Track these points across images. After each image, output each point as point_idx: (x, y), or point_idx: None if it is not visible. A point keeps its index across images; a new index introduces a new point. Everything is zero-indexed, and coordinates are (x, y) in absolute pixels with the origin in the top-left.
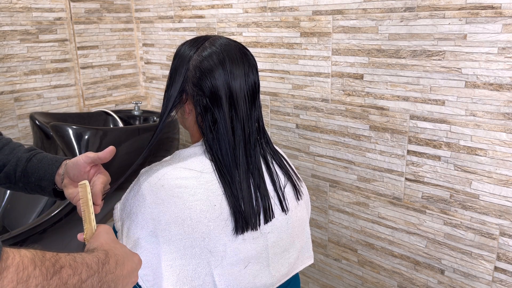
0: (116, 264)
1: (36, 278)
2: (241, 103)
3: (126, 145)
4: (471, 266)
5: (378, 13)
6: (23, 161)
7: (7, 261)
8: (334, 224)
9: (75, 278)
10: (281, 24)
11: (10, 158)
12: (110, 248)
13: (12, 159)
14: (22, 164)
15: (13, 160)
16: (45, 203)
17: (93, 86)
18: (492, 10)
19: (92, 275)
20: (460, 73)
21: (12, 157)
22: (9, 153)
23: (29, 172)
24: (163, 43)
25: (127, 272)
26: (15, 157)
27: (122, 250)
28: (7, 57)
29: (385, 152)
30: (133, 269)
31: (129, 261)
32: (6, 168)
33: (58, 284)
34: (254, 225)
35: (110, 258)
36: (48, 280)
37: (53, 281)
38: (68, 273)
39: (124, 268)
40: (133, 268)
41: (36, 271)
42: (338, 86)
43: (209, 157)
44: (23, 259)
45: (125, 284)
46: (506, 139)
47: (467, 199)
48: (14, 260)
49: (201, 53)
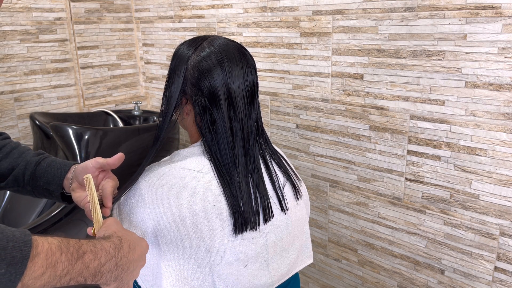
0: (129, 249)
1: (62, 263)
2: (240, 103)
3: (126, 145)
4: (471, 266)
5: (378, 13)
6: (32, 164)
7: (38, 248)
8: (334, 224)
9: (95, 262)
10: (281, 24)
11: (19, 162)
12: (123, 235)
13: (21, 163)
14: (31, 168)
15: (22, 163)
16: (45, 203)
17: (93, 86)
18: (492, 10)
19: (110, 259)
20: (460, 73)
21: (21, 160)
22: (18, 156)
23: (38, 175)
24: (163, 43)
25: (138, 256)
26: (24, 160)
27: (132, 237)
28: (7, 57)
29: (385, 152)
30: (142, 253)
31: (139, 246)
32: (15, 171)
33: (81, 268)
34: (253, 225)
35: (124, 244)
36: (73, 264)
37: (77, 265)
38: (90, 258)
39: (135, 253)
40: (142, 252)
41: (63, 256)
42: (338, 86)
43: (208, 157)
44: (51, 246)
45: (136, 266)
46: (506, 139)
47: (467, 199)
48: (44, 247)
49: (200, 53)
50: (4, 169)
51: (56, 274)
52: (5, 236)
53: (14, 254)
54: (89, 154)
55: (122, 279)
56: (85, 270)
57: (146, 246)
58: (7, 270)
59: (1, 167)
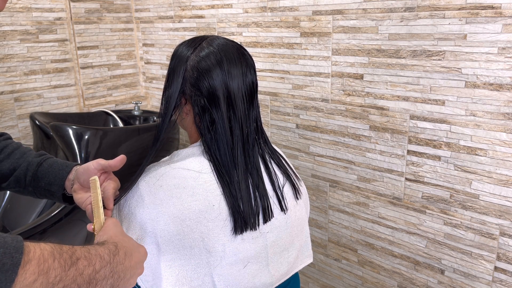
0: (125, 255)
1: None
2: (239, 103)
3: (126, 145)
4: (471, 266)
5: (378, 13)
6: (33, 165)
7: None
8: (334, 224)
9: (90, 268)
10: (281, 24)
11: (21, 163)
12: (119, 241)
13: (23, 164)
14: (32, 169)
15: (23, 164)
16: (45, 203)
17: (93, 86)
18: (492, 10)
19: (104, 266)
20: (460, 73)
21: (23, 161)
22: (20, 157)
23: (39, 176)
24: (163, 43)
25: (135, 263)
26: (26, 161)
27: (130, 243)
28: (7, 57)
29: (385, 152)
30: (140, 260)
31: (136, 252)
32: (16, 172)
33: (75, 275)
34: (253, 225)
35: (120, 250)
36: (66, 271)
37: (71, 272)
38: (84, 264)
39: (132, 259)
40: (140, 259)
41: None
42: (338, 86)
43: (207, 157)
44: (43, 252)
45: (132, 274)
46: (506, 139)
47: (467, 199)
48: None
49: (199, 53)
50: (6, 170)
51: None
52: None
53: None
54: (89, 154)
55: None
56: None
57: (144, 253)
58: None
59: (3, 167)
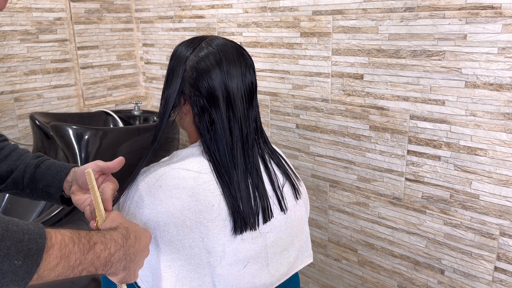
0: (135, 239)
1: (75, 253)
2: (238, 103)
3: (126, 145)
4: (471, 266)
5: (378, 13)
6: (31, 167)
7: (52, 240)
8: (334, 224)
9: (106, 252)
10: (281, 24)
11: (18, 164)
12: (129, 225)
13: (20, 165)
14: (30, 171)
15: (21, 166)
16: (45, 203)
17: (93, 86)
18: (492, 10)
19: (119, 249)
20: (460, 73)
21: (20, 163)
22: (17, 159)
23: (37, 178)
24: (163, 43)
25: (143, 246)
26: (23, 163)
27: (137, 227)
28: (7, 57)
29: (385, 152)
30: (147, 243)
31: (144, 236)
32: (14, 174)
33: (93, 258)
34: (252, 225)
35: (131, 234)
36: (85, 255)
37: (89, 255)
38: (101, 248)
39: (141, 243)
40: (147, 242)
41: (75, 247)
42: (338, 86)
43: (207, 158)
44: (64, 237)
45: (141, 256)
46: (506, 139)
47: (467, 199)
48: (57, 238)
49: (198, 53)
50: (3, 172)
51: (69, 264)
52: (20, 229)
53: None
54: (89, 154)
55: (129, 268)
56: (97, 260)
57: (150, 237)
58: (24, 262)
59: (0, 170)
